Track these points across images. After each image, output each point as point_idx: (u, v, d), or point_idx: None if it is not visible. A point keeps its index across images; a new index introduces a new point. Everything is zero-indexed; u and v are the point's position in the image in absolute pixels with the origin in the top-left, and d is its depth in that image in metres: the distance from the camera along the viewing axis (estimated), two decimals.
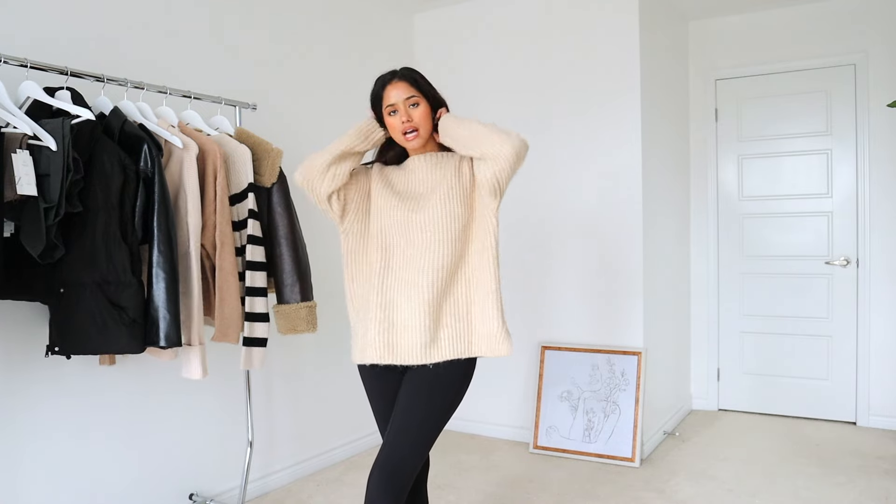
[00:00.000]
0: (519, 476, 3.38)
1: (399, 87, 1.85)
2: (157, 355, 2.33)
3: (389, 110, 1.87)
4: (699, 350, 4.54)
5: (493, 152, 1.74)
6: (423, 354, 1.83)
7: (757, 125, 4.33)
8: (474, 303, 1.87)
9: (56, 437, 2.41)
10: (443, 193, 1.86)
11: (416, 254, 1.85)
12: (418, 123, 1.86)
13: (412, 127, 1.86)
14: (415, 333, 1.83)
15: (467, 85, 4.02)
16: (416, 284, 1.83)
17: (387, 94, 1.87)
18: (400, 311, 1.85)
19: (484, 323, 1.86)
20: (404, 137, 1.88)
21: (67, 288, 2.05)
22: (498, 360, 3.90)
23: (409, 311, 1.83)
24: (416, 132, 1.86)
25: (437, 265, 1.83)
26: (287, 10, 3.39)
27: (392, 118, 1.87)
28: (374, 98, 1.90)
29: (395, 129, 1.88)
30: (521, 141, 1.76)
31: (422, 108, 1.87)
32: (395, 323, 1.85)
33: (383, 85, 1.88)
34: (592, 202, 3.75)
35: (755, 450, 3.68)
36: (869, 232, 4.04)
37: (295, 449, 3.40)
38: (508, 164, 1.75)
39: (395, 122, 1.87)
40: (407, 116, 1.85)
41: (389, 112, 1.87)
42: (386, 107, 1.87)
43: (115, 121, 2.21)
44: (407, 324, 1.84)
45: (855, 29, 4.02)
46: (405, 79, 1.87)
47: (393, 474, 1.80)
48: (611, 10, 3.66)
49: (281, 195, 2.60)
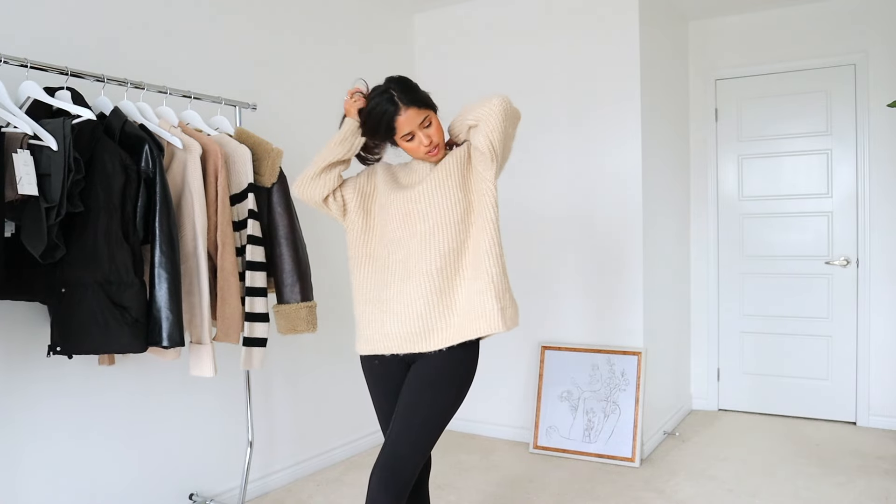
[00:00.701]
0: (519, 476, 3.38)
1: (409, 115, 1.86)
2: (161, 355, 2.33)
3: (407, 138, 1.89)
4: (699, 350, 4.54)
5: (480, 113, 1.82)
6: (427, 342, 1.85)
7: (757, 125, 4.33)
8: (475, 282, 1.87)
9: (56, 437, 2.41)
10: (440, 181, 1.89)
11: (418, 243, 1.87)
12: (438, 140, 1.91)
13: (434, 145, 1.90)
14: (419, 321, 1.85)
15: (467, 85, 4.02)
16: (421, 272, 1.85)
17: (399, 126, 1.86)
18: (405, 301, 1.87)
19: (483, 303, 1.85)
20: (426, 155, 1.92)
21: (69, 288, 2.05)
22: (498, 359, 3.90)
23: (414, 300, 1.85)
24: (437, 148, 1.91)
25: (440, 252, 1.85)
26: (287, 10, 3.39)
27: (410, 143, 1.90)
28: (387, 128, 1.88)
29: (415, 151, 1.92)
30: (502, 97, 1.82)
31: (434, 123, 1.91)
32: (400, 313, 1.87)
33: (393, 117, 1.85)
34: (592, 202, 3.75)
35: (755, 450, 3.68)
36: (869, 232, 4.04)
37: (295, 449, 3.40)
38: (497, 120, 1.80)
39: (416, 146, 1.90)
40: (427, 139, 1.89)
41: (406, 140, 1.89)
42: (402, 136, 1.88)
43: (116, 121, 2.21)
44: (412, 313, 1.85)
45: (855, 29, 4.02)
46: (412, 104, 1.86)
47: (395, 473, 1.80)
48: (611, 11, 3.66)
49: (281, 195, 2.60)
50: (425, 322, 1.85)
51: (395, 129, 1.87)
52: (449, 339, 1.85)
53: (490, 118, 1.80)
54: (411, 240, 1.88)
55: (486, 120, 1.81)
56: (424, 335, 1.86)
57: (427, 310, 1.85)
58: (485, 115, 1.81)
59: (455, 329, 1.86)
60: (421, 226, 1.88)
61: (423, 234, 1.87)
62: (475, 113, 1.84)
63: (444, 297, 1.86)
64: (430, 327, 1.85)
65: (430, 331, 1.85)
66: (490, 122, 1.80)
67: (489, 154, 1.84)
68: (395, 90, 1.86)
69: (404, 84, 1.89)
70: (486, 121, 1.81)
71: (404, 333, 1.87)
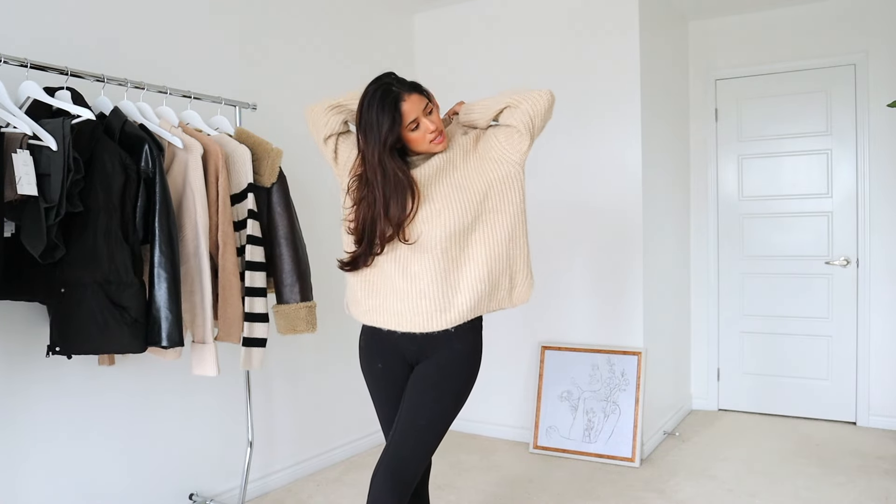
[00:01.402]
0: (519, 476, 3.38)
1: (413, 100, 1.78)
2: (161, 355, 2.33)
3: (412, 127, 1.80)
4: (699, 350, 4.54)
5: (526, 95, 1.80)
6: (430, 322, 1.82)
7: (757, 125, 4.33)
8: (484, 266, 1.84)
9: (56, 437, 2.41)
10: (451, 163, 1.86)
11: (422, 224, 1.81)
12: (441, 126, 1.86)
13: (439, 132, 1.84)
14: (423, 301, 1.81)
15: (467, 84, 4.02)
16: (427, 253, 1.80)
17: (405, 113, 1.77)
18: (409, 280, 1.82)
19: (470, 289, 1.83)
20: (431, 144, 1.84)
21: (68, 288, 2.05)
22: (498, 359, 3.90)
23: (419, 279, 1.81)
24: (442, 135, 1.85)
25: (448, 232, 1.79)
26: (287, 10, 3.39)
27: (415, 133, 1.81)
28: (392, 119, 1.75)
29: (420, 141, 1.83)
30: (551, 91, 1.83)
31: (435, 111, 1.85)
32: (401, 290, 1.83)
33: (396, 105, 1.76)
34: (592, 202, 3.75)
35: (755, 450, 3.68)
36: (869, 232, 4.04)
37: (295, 449, 3.40)
38: (544, 103, 1.80)
39: (420, 136, 1.82)
40: (432, 125, 1.82)
41: (411, 129, 1.80)
42: (408, 125, 1.79)
43: (116, 121, 2.21)
44: (414, 291, 1.82)
45: (855, 29, 4.02)
46: (414, 90, 1.80)
47: (398, 473, 1.80)
48: (610, 11, 3.66)
49: (281, 195, 2.59)
50: (432, 303, 1.81)
51: (402, 117, 1.77)
52: (452, 320, 1.82)
53: (538, 100, 1.79)
54: (416, 221, 1.81)
55: (533, 101, 1.79)
56: (427, 316, 1.81)
57: (432, 289, 1.80)
58: (531, 97, 1.80)
59: (456, 311, 1.82)
60: (427, 207, 1.81)
61: (432, 214, 1.80)
62: (519, 95, 1.81)
63: (448, 277, 1.81)
64: (435, 308, 1.81)
65: (434, 311, 1.81)
66: (537, 103, 1.79)
67: (527, 132, 1.80)
68: (391, 81, 1.80)
69: (398, 77, 1.83)
70: (533, 102, 1.79)
71: (405, 311, 1.83)
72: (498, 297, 1.89)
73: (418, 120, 1.80)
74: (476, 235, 1.83)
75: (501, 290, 1.89)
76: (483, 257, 1.83)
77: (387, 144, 1.76)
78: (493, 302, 1.88)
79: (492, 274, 1.84)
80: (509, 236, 1.86)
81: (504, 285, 1.89)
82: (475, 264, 1.82)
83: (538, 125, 1.82)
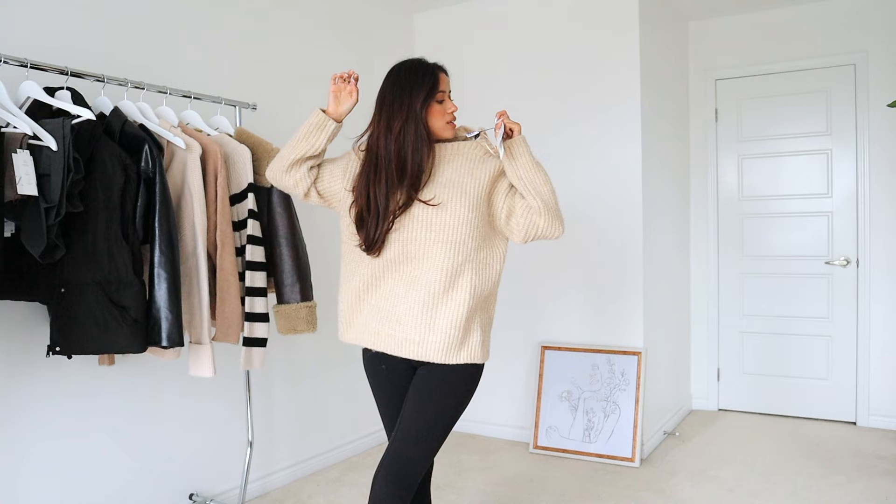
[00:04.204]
0: (519, 476, 3.38)
1: (445, 79, 1.91)
2: (160, 355, 2.33)
3: (441, 97, 1.88)
4: (699, 350, 4.54)
5: (549, 219, 1.85)
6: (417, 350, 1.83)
7: (757, 125, 4.33)
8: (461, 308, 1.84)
9: (56, 437, 2.41)
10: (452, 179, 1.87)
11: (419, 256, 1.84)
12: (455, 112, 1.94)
13: (454, 116, 1.93)
14: (413, 329, 1.82)
15: (467, 84, 4.02)
16: (421, 280, 1.82)
17: (442, 81, 1.89)
18: (400, 304, 1.84)
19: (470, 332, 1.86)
20: (447, 125, 1.91)
21: (68, 288, 2.05)
22: (498, 359, 3.90)
23: (410, 305, 1.82)
24: (454, 120, 1.94)
25: (442, 265, 1.81)
26: (287, 10, 3.39)
27: (440, 105, 1.88)
28: (432, 83, 1.86)
29: (440, 116, 1.88)
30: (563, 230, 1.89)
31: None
32: (395, 317, 1.85)
33: (436, 72, 1.89)
34: (592, 202, 3.75)
35: (755, 450, 3.68)
36: (869, 232, 4.04)
37: (295, 449, 3.40)
38: (550, 233, 1.87)
39: (441, 111, 1.89)
40: (452, 107, 1.91)
41: (439, 99, 1.88)
42: (439, 92, 1.87)
43: (116, 121, 2.21)
44: (406, 319, 1.83)
45: (855, 29, 4.02)
46: (445, 72, 1.94)
47: (400, 475, 1.81)
48: (610, 11, 3.66)
49: (281, 195, 2.60)
50: (419, 331, 1.82)
51: (438, 84, 1.87)
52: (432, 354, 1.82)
53: (547, 229, 1.86)
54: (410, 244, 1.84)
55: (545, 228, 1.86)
56: (416, 342, 1.83)
57: (422, 318, 1.81)
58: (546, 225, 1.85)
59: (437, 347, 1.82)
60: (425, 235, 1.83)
61: (423, 248, 1.82)
62: (547, 209, 1.85)
63: (437, 309, 1.81)
64: (421, 338, 1.82)
65: (420, 340, 1.82)
66: (546, 231, 1.86)
67: (519, 237, 1.88)
68: (419, 59, 1.93)
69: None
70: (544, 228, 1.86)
71: (397, 336, 1.84)
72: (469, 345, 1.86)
73: (445, 95, 1.90)
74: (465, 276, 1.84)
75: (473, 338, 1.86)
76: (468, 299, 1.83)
77: (425, 101, 1.83)
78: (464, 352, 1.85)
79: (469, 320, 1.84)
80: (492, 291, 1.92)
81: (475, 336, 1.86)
82: (461, 303, 1.82)
83: (529, 238, 1.88)
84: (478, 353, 1.86)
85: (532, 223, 1.85)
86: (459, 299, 1.81)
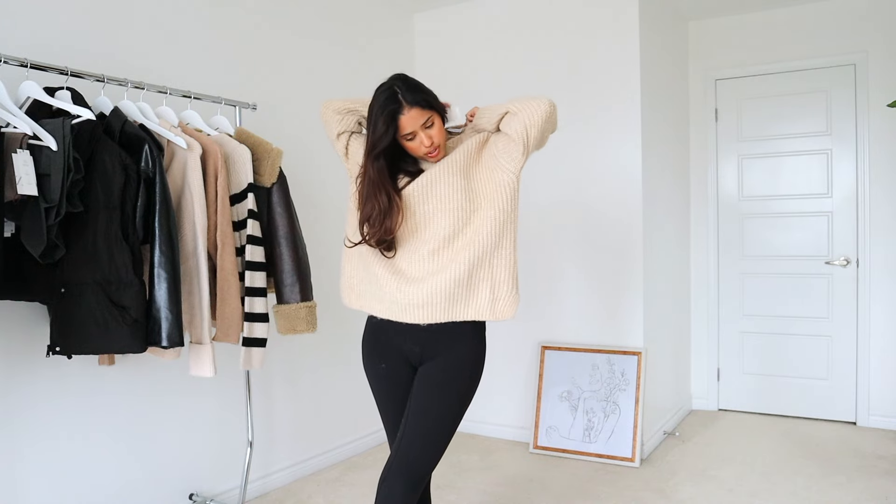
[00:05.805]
0: (519, 476, 3.38)
1: (412, 115, 1.79)
2: (160, 355, 2.33)
3: (408, 137, 1.82)
4: (699, 350, 4.54)
5: (525, 103, 1.77)
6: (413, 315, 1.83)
7: (757, 125, 4.33)
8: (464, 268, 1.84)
9: (56, 437, 2.41)
10: (445, 167, 1.87)
11: (415, 226, 1.86)
12: (439, 141, 1.85)
13: (435, 147, 1.84)
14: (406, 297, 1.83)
15: (467, 84, 4.02)
16: (415, 253, 1.85)
17: (402, 125, 1.79)
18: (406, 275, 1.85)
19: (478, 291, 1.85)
20: (426, 157, 1.87)
21: (68, 288, 2.05)
22: (498, 359, 3.90)
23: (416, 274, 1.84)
24: (438, 150, 1.86)
25: (442, 234, 1.83)
26: (287, 10, 3.39)
27: (412, 143, 1.83)
28: (387, 128, 1.79)
29: (416, 151, 1.86)
30: (552, 100, 1.80)
31: (437, 123, 1.84)
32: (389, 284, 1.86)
33: (394, 116, 1.78)
34: (592, 202, 3.75)
35: (755, 450, 3.68)
36: (869, 232, 4.04)
37: (295, 449, 3.40)
38: (540, 113, 1.76)
39: (416, 146, 1.84)
40: (428, 140, 1.82)
41: (408, 139, 1.82)
42: (403, 136, 1.81)
43: (116, 121, 2.21)
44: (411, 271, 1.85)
45: (855, 29, 4.02)
46: (416, 105, 1.79)
47: (410, 478, 1.81)
48: (611, 11, 3.66)
49: (281, 195, 2.59)
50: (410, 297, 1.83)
51: (398, 128, 1.80)
52: (426, 316, 1.82)
53: (535, 110, 1.76)
54: (409, 220, 1.86)
55: (530, 111, 1.76)
56: (410, 311, 1.83)
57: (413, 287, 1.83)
58: (529, 107, 1.77)
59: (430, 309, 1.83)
60: (421, 208, 1.85)
61: (421, 217, 1.85)
62: (519, 103, 1.79)
63: (432, 278, 1.83)
64: (413, 304, 1.83)
65: (412, 307, 1.83)
66: (534, 113, 1.76)
67: (521, 141, 1.79)
68: (399, 88, 1.80)
69: (409, 83, 1.83)
70: (530, 112, 1.76)
71: (391, 302, 1.86)
72: (476, 304, 1.85)
73: (415, 133, 1.82)
74: (462, 240, 1.83)
75: (480, 298, 1.84)
76: (465, 260, 1.81)
77: (375, 147, 1.81)
78: (471, 308, 1.84)
79: (471, 278, 1.82)
80: (494, 244, 1.84)
81: (484, 294, 1.84)
82: (456, 265, 1.81)
83: (533, 135, 1.79)
84: (485, 310, 1.84)
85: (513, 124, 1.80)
86: (460, 258, 1.81)
